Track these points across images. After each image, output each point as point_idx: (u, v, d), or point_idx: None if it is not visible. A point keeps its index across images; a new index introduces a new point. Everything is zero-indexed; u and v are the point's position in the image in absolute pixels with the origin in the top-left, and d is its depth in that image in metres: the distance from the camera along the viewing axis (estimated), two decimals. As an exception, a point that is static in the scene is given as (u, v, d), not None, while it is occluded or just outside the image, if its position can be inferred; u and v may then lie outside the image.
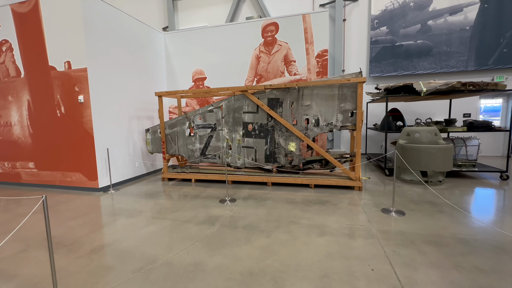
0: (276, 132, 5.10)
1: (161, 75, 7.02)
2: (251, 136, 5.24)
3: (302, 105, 4.91)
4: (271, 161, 5.22)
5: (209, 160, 5.59)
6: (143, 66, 6.25)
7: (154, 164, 6.68)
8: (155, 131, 5.89)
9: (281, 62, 6.34)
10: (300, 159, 5.06)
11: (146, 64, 6.38)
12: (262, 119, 5.13)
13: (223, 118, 5.36)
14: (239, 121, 5.27)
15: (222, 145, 5.43)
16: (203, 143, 5.55)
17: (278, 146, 5.12)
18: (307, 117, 4.91)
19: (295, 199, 4.29)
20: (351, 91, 4.64)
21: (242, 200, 4.32)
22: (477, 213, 3.49)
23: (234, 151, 5.38)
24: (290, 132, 5.01)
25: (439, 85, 5.17)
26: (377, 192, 4.59)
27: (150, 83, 6.53)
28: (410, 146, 5.03)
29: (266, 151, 5.20)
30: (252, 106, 5.16)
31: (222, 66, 6.79)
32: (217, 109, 5.37)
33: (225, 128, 5.38)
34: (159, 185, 5.44)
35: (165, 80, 7.19)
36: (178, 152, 5.77)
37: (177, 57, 7.08)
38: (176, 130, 5.70)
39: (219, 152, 5.47)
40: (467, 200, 4.03)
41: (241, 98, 5.21)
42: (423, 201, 4.01)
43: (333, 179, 4.90)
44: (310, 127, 4.91)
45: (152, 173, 6.58)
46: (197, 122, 5.55)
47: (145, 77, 6.34)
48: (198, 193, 4.83)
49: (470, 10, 7.44)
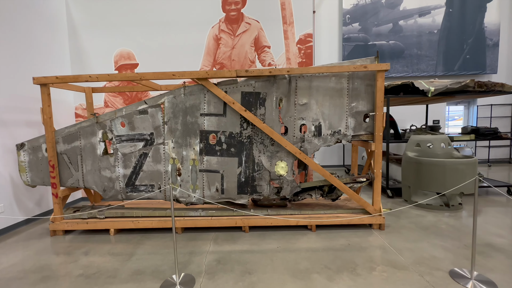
0: (256, 146, 3.24)
1: (60, 57, 4.39)
2: (215, 153, 3.25)
3: (296, 103, 3.19)
4: (247, 192, 3.30)
5: (142, 195, 3.34)
6: (21, 40, 3.61)
7: (40, 203, 3.96)
8: (36, 147, 3.31)
9: (250, 47, 4.56)
10: (294, 187, 3.29)
11: (28, 37, 3.74)
12: (233, 125, 3.22)
13: (166, 123, 3.23)
14: (193, 129, 3.23)
15: (164, 169, 3.27)
16: (130, 166, 3.28)
17: (259, 168, 3.26)
18: (304, 122, 3.22)
19: (299, 261, 2.47)
20: (365, 84, 3.16)
21: (207, 277, 2.28)
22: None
23: (186, 179, 3.29)
24: (277, 146, 3.22)
25: (450, 84, 4.20)
26: (405, 230, 3.15)
27: (36, 68, 3.88)
28: (427, 161, 3.83)
29: (240, 176, 3.27)
30: (215, 105, 3.20)
31: (163, 49, 4.61)
32: (155, 108, 3.21)
33: (170, 140, 3.25)
34: (42, 248, 2.89)
35: (67, 65, 4.56)
36: (83, 183, 3.33)
37: (89, 32, 4.58)
38: (78, 145, 3.27)
39: (159, 182, 3.29)
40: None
41: (196, 92, 3.20)
42: (496, 248, 2.71)
43: (342, 214, 3.29)
44: (307, 138, 3.22)
45: (35, 221, 3.86)
46: (118, 131, 3.26)
47: (27, 59, 3.69)
48: (120, 263, 2.55)
49: (437, 13, 7.14)
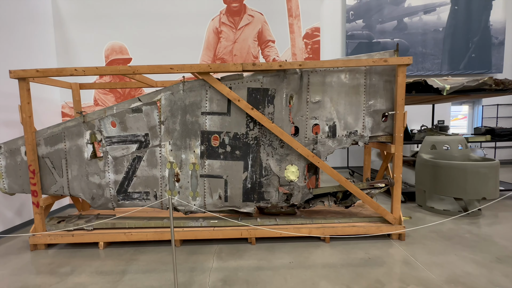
0: (264, 148, 2.91)
1: (45, 51, 3.99)
2: (218, 156, 2.91)
3: (309, 101, 2.88)
4: (253, 199, 2.97)
5: (136, 204, 2.97)
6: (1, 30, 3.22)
7: (21, 211, 3.55)
8: (14, 150, 2.91)
9: (253, 41, 4.24)
10: (305, 194, 2.97)
11: (8, 28, 3.35)
12: (238, 125, 2.88)
13: (163, 123, 2.88)
14: (194, 129, 2.89)
15: (161, 174, 2.91)
16: (122, 171, 2.91)
17: (267, 173, 2.93)
18: (316, 122, 2.90)
19: (316, 280, 2.13)
20: (384, 80, 2.86)
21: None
22: None
23: (185, 185, 2.93)
24: (287, 149, 2.90)
25: (467, 82, 3.95)
26: (428, 241, 2.85)
27: (17, 62, 3.48)
28: (446, 164, 3.56)
29: (246, 182, 2.93)
30: (218, 103, 2.86)
31: (158, 43, 4.25)
32: (150, 106, 2.86)
33: (167, 142, 2.90)
34: (21, 266, 2.50)
35: (53, 60, 4.16)
36: (69, 191, 2.95)
37: (77, 23, 4.19)
38: (63, 147, 2.89)
39: (155, 189, 2.93)
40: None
41: (197, 88, 2.85)
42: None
43: (358, 223, 2.98)
44: (321, 139, 2.91)
45: (14, 231, 3.45)
46: (108, 132, 2.89)
47: (6, 51, 3.29)
48: (110, 285, 2.18)
49: (442, 11, 6.94)
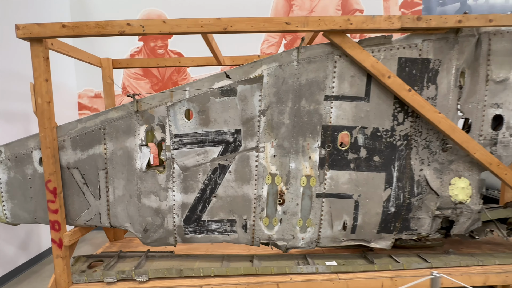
0: (417, 152, 1.88)
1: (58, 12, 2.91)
2: (347, 165, 1.86)
3: (489, 80, 1.88)
4: (392, 229, 1.94)
5: (213, 238, 1.91)
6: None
7: (27, 244, 2.45)
8: (22, 156, 1.80)
9: (336, 11, 3.24)
10: (475, 220, 1.96)
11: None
12: (381, 117, 1.84)
13: (263, 113, 1.82)
14: (311, 123, 1.83)
15: (256, 193, 1.85)
16: (195, 189, 1.85)
17: (421, 190, 1.91)
18: (499, 112, 1.90)
19: None
20: None
21: None
22: None
23: (291, 209, 1.89)
24: (452, 153, 1.89)
25: None
26: None
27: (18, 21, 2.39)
28: None
29: (388, 204, 1.90)
30: (352, 82, 1.81)
31: (209, 12, 3.19)
32: (250, 85, 1.79)
33: (268, 143, 1.85)
34: None
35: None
36: (109, 220, 1.86)
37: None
38: (101, 152, 1.81)
39: (245, 216, 1.87)
40: None
41: (320, 58, 1.79)
42: None
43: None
44: (503, 138, 1.91)
45: (17, 274, 2.34)
46: (179, 128, 1.80)
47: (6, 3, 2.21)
48: None
49: (510, -7, 6.09)
